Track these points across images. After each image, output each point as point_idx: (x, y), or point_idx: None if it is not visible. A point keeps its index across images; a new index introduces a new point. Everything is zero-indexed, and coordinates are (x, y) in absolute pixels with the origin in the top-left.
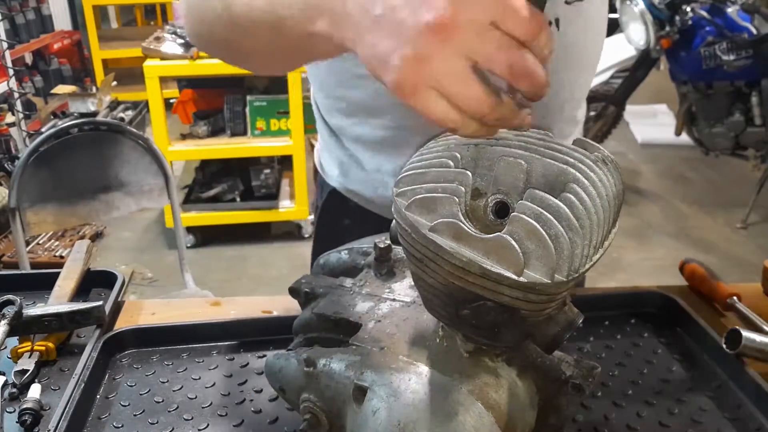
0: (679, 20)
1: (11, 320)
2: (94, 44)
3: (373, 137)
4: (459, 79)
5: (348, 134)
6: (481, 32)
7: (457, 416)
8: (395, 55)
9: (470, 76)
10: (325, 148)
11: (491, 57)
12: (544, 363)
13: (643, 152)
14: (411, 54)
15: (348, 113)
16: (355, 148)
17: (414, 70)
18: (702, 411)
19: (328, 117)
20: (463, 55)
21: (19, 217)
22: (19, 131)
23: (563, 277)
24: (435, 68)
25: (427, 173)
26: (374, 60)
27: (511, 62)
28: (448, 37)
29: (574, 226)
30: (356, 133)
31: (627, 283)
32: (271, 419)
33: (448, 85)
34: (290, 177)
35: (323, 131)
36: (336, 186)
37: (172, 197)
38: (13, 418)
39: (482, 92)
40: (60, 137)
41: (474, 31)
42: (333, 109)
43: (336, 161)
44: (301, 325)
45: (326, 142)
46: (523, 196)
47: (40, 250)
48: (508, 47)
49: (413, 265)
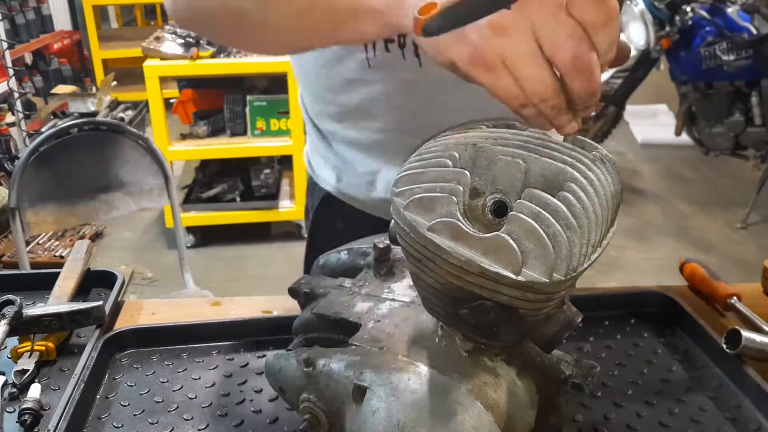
0: (679, 20)
1: (11, 320)
2: (94, 44)
3: (366, 140)
4: (531, 58)
5: (340, 138)
6: (556, 14)
7: (457, 416)
8: (471, 27)
9: (541, 57)
10: (315, 151)
11: (560, 43)
12: (544, 362)
13: (643, 152)
14: (489, 23)
15: (339, 118)
16: (348, 151)
17: (491, 41)
18: (702, 411)
19: (318, 121)
20: (535, 35)
21: (19, 217)
22: (19, 131)
23: (561, 276)
24: (511, 42)
25: (425, 173)
26: (443, 37)
27: (576, 54)
28: (526, 11)
29: (572, 225)
30: (348, 137)
31: (627, 283)
32: (271, 419)
33: (521, 63)
34: (290, 177)
35: (313, 134)
36: (329, 189)
37: (172, 197)
38: (13, 418)
39: (549, 74)
40: (60, 137)
41: (550, 11)
42: (323, 114)
43: (328, 165)
44: (300, 326)
45: (316, 146)
46: (522, 195)
47: (40, 250)
48: (579, 38)
49: (412, 265)
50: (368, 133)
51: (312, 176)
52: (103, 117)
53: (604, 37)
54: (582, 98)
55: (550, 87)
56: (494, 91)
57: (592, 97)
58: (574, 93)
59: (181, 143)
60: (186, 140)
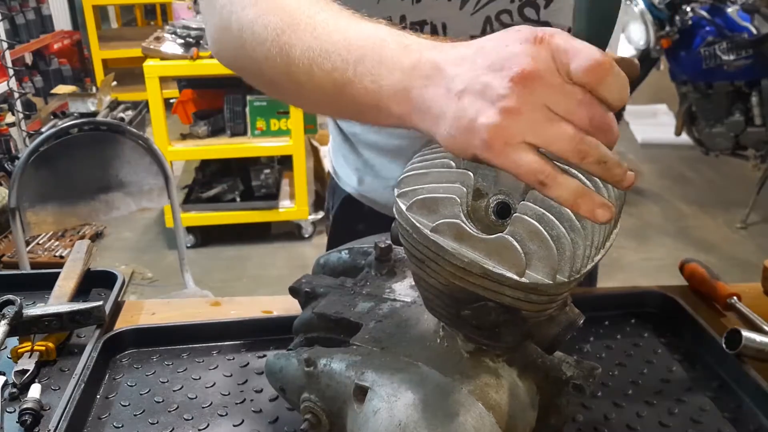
0: (679, 20)
1: (11, 320)
2: (94, 44)
3: (389, 145)
4: (550, 123)
5: (363, 141)
6: (561, 87)
7: (458, 417)
8: (482, 117)
9: (559, 119)
10: (338, 152)
11: (572, 111)
12: (545, 363)
13: (643, 152)
14: (501, 108)
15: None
16: (370, 155)
17: (505, 124)
18: (702, 411)
19: (341, 122)
20: (548, 107)
21: (19, 217)
22: (19, 131)
23: (565, 277)
24: (526, 119)
25: (428, 174)
26: (459, 132)
27: (591, 115)
28: (533, 87)
29: (575, 226)
30: (371, 140)
31: (627, 283)
32: (272, 419)
33: (541, 130)
34: (290, 177)
35: (336, 136)
36: (351, 192)
37: (172, 197)
38: (13, 418)
39: (575, 130)
40: (60, 137)
41: (555, 86)
42: None
43: (351, 167)
44: (301, 325)
45: (339, 147)
46: (525, 196)
47: (40, 250)
48: (589, 102)
49: (414, 266)
50: (393, 138)
51: (334, 177)
52: (103, 117)
53: (611, 91)
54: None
55: (581, 141)
56: (516, 169)
57: (614, 143)
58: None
59: (181, 143)
60: (186, 140)
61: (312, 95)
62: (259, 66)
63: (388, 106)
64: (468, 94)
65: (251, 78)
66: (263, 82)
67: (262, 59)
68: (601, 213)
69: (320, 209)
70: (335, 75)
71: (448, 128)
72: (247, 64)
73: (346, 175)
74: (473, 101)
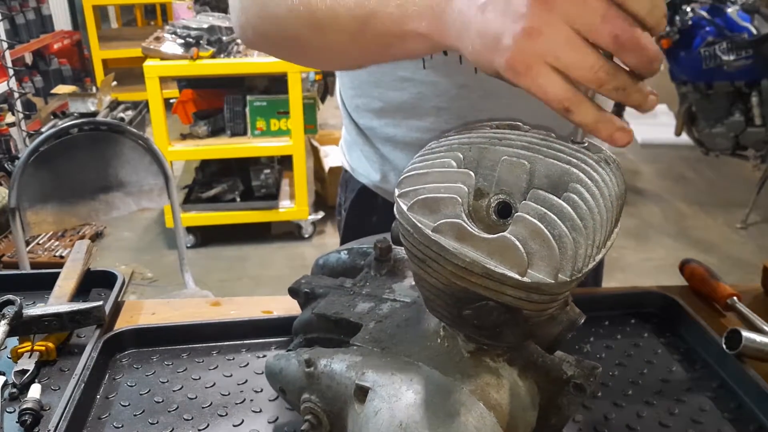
0: (679, 20)
1: (11, 320)
2: (94, 44)
3: (407, 139)
4: (571, 46)
5: (378, 134)
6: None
7: (459, 416)
8: (506, 35)
9: (582, 43)
10: (353, 145)
11: (595, 27)
12: (546, 363)
13: (643, 152)
14: (521, 29)
15: (382, 114)
16: (386, 148)
17: (526, 45)
18: (702, 411)
19: (356, 116)
20: (570, 25)
21: (19, 217)
22: (19, 131)
23: (567, 277)
24: (546, 40)
25: (429, 174)
26: (483, 48)
27: (616, 33)
28: (554, 3)
29: (577, 226)
30: (388, 134)
31: (627, 283)
32: (272, 419)
33: (562, 54)
34: (290, 177)
35: (350, 128)
36: (366, 183)
37: (172, 197)
38: (13, 418)
39: (596, 57)
40: (60, 137)
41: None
42: (364, 109)
43: (366, 159)
44: (301, 326)
45: (354, 140)
46: (527, 196)
47: (40, 250)
48: (613, 17)
49: (415, 266)
50: (411, 131)
51: (348, 170)
52: (103, 117)
53: (640, 4)
54: (644, 70)
55: (601, 69)
56: (543, 95)
57: (652, 65)
58: (633, 68)
59: (181, 143)
60: (186, 140)
61: (336, 39)
62: (284, 22)
63: (414, 28)
64: (490, 8)
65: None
66: (287, 41)
67: (286, 13)
68: (620, 136)
69: (320, 209)
70: (358, 11)
71: (473, 43)
72: (270, 26)
73: (362, 166)
74: (495, 16)
